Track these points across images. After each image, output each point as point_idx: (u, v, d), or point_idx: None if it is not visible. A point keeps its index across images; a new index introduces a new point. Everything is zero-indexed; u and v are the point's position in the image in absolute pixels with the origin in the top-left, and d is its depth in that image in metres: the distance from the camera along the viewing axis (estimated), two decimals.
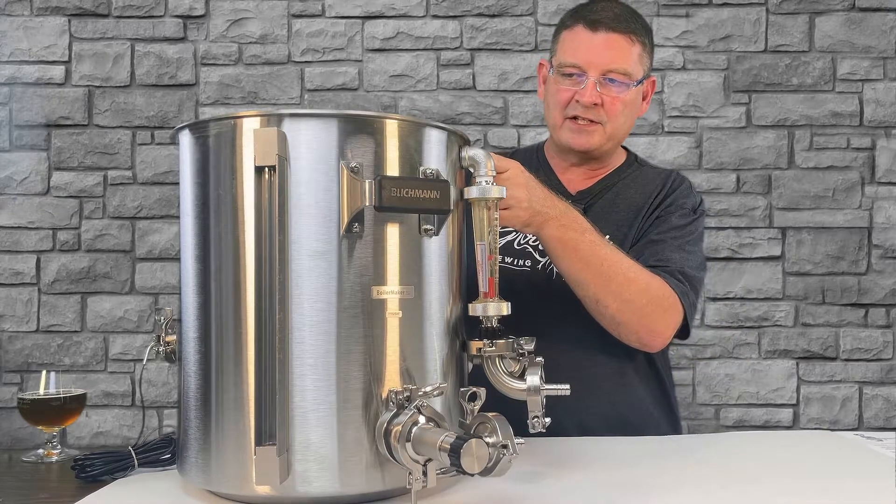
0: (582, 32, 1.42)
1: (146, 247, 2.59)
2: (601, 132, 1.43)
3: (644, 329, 1.33)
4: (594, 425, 1.38)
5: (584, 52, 1.40)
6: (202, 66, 2.60)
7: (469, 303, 1.03)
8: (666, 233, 1.42)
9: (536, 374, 1.00)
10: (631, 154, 1.59)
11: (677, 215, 1.45)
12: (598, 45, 1.40)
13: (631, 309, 1.30)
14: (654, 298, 1.31)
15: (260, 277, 0.87)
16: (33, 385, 1.34)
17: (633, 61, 1.42)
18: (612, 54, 1.40)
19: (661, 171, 1.57)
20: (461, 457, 0.77)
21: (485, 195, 1.01)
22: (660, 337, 1.36)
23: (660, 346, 1.39)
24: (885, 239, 2.58)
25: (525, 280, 1.45)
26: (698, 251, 1.45)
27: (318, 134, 0.91)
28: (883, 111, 2.58)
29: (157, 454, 1.13)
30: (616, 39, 1.40)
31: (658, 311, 1.33)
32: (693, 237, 1.44)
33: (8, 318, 2.57)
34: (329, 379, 0.89)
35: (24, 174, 2.58)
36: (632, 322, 1.31)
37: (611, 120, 1.42)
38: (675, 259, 1.38)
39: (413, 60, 2.60)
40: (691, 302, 1.38)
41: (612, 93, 1.40)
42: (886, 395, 2.57)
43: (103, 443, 2.56)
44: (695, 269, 1.40)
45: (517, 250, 1.48)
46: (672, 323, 1.36)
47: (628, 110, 1.44)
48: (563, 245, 1.24)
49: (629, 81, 1.41)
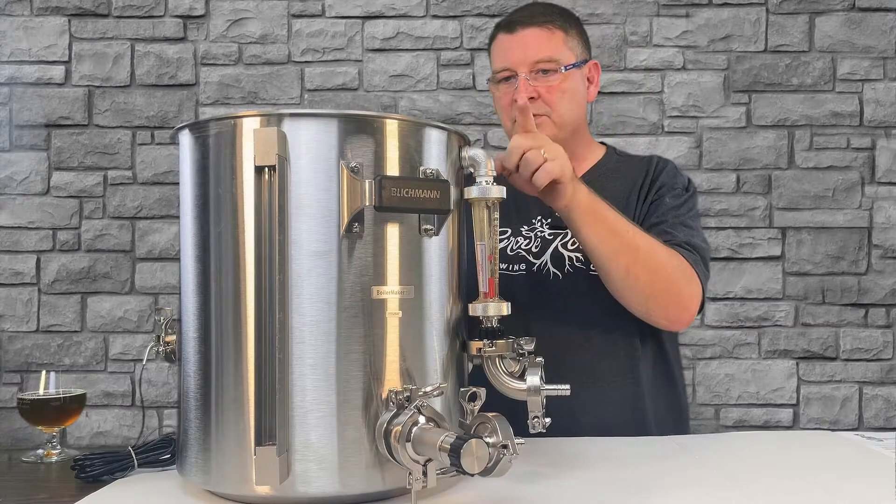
0: (502, 38, 1.49)
1: (146, 247, 2.59)
2: (549, 123, 1.44)
3: (673, 301, 1.33)
4: (605, 425, 1.37)
5: (508, 54, 1.46)
6: (202, 66, 2.60)
7: (469, 303, 1.03)
8: (663, 215, 1.42)
9: (536, 375, 1.00)
10: (610, 148, 1.60)
11: (670, 196, 1.45)
12: (518, 42, 1.45)
13: (660, 278, 1.30)
14: (676, 267, 1.32)
15: (260, 277, 0.87)
16: (33, 385, 1.34)
17: (557, 47, 1.45)
18: (533, 47, 1.44)
19: (641, 158, 1.58)
20: (461, 457, 0.77)
21: (485, 195, 1.01)
22: (687, 311, 1.36)
23: (687, 322, 1.38)
24: (885, 239, 2.58)
25: (524, 284, 1.45)
26: (699, 227, 1.46)
27: (318, 134, 0.91)
28: (883, 111, 2.58)
29: (157, 454, 1.13)
30: (533, 33, 1.45)
31: (683, 280, 1.33)
32: (691, 213, 1.45)
33: (8, 318, 2.57)
34: (329, 379, 0.89)
35: (24, 174, 2.58)
36: (662, 293, 1.32)
37: (554, 108, 1.44)
38: (679, 234, 1.38)
39: (413, 60, 2.60)
40: (704, 272, 1.38)
41: (546, 82, 1.43)
42: (886, 395, 2.57)
43: (103, 443, 2.56)
44: (700, 241, 1.41)
45: (511, 256, 1.48)
46: (696, 294, 1.36)
47: (569, 97, 1.46)
48: (593, 215, 1.25)
49: (558, 67, 1.44)
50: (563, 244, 1.46)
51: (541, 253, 1.46)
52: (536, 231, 1.49)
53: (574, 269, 1.43)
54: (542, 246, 1.47)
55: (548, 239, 1.47)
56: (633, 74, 2.59)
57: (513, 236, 1.51)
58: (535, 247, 1.48)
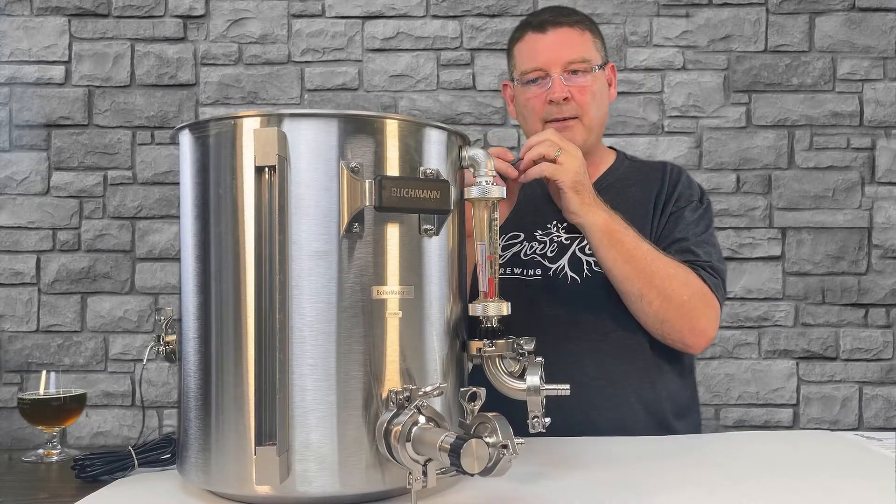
0: (533, 37, 1.46)
1: (146, 247, 2.59)
2: (580, 127, 1.44)
3: (688, 327, 1.34)
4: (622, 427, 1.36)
5: (541, 53, 1.43)
6: (202, 66, 2.60)
7: (469, 302, 1.03)
8: (685, 230, 1.43)
9: (536, 374, 0.99)
10: (620, 153, 1.60)
11: (689, 209, 1.46)
12: (551, 42, 1.44)
13: (674, 306, 1.31)
14: (694, 294, 1.33)
15: (260, 277, 0.87)
16: (33, 385, 1.34)
17: (589, 48, 1.45)
18: (567, 47, 1.43)
19: (654, 165, 1.58)
20: (461, 457, 0.77)
21: (485, 195, 1.01)
22: (703, 336, 1.37)
23: (703, 346, 1.39)
24: (885, 239, 2.58)
25: (540, 289, 1.45)
26: (717, 242, 1.47)
27: (318, 134, 0.91)
28: (883, 111, 2.58)
29: (157, 454, 1.13)
30: (565, 32, 1.44)
31: (700, 307, 1.34)
32: (711, 228, 1.46)
33: (8, 318, 2.57)
34: (329, 379, 0.89)
35: (24, 174, 2.58)
36: (676, 320, 1.32)
37: (585, 112, 1.44)
38: (702, 254, 1.39)
39: (413, 60, 2.60)
40: (723, 294, 1.39)
41: (578, 83, 1.42)
42: (886, 395, 2.57)
43: (103, 443, 2.56)
44: (720, 262, 1.42)
45: (525, 260, 1.48)
46: (714, 319, 1.36)
47: (598, 100, 1.46)
48: (609, 236, 1.26)
49: (591, 67, 1.43)
50: (581, 248, 1.45)
51: (557, 257, 1.46)
52: (553, 236, 1.49)
53: (592, 273, 1.43)
54: (558, 250, 1.47)
55: (565, 244, 1.47)
56: (633, 74, 2.59)
57: (526, 241, 1.50)
58: (552, 251, 1.47)
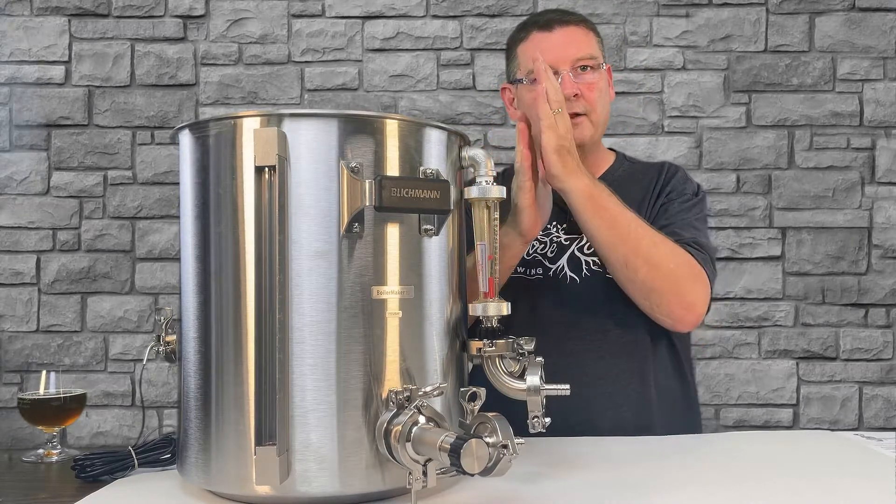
0: (539, 36, 1.45)
1: (146, 247, 2.59)
2: (588, 123, 1.44)
3: (676, 299, 1.31)
4: (621, 427, 1.37)
5: (549, 51, 1.41)
6: (202, 66, 2.60)
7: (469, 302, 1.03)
8: (671, 217, 1.43)
9: (536, 374, 1.00)
10: (619, 153, 1.60)
11: (678, 202, 1.46)
12: (559, 40, 1.43)
13: (661, 275, 1.29)
14: (681, 264, 1.31)
15: (260, 277, 0.87)
16: (33, 385, 1.34)
17: (593, 46, 1.46)
18: (575, 44, 1.43)
19: (653, 164, 1.59)
20: (461, 457, 0.77)
21: (485, 195, 1.01)
22: (692, 311, 1.33)
23: (692, 322, 1.36)
24: (885, 239, 2.58)
25: (541, 288, 1.45)
26: (706, 230, 1.46)
27: (318, 134, 0.91)
28: (883, 111, 2.58)
29: (157, 454, 1.13)
30: (572, 31, 1.44)
31: (688, 278, 1.31)
32: (700, 216, 1.45)
33: (8, 318, 2.57)
34: (329, 379, 0.89)
35: (24, 174, 2.58)
36: (664, 290, 1.30)
37: (594, 108, 1.44)
38: (686, 234, 1.38)
39: (413, 60, 2.60)
40: (712, 270, 1.37)
41: (587, 80, 1.43)
42: (886, 395, 2.57)
43: (103, 443, 2.56)
44: (708, 240, 1.41)
45: (527, 260, 1.48)
46: (703, 293, 1.34)
47: (603, 97, 1.46)
48: (592, 201, 1.25)
49: (598, 65, 1.44)
50: (580, 248, 1.46)
51: (557, 258, 1.47)
52: (552, 236, 1.50)
53: (591, 273, 1.43)
54: (557, 251, 1.47)
55: (564, 244, 1.48)
56: (633, 74, 2.59)
57: None
58: (551, 251, 1.48)
